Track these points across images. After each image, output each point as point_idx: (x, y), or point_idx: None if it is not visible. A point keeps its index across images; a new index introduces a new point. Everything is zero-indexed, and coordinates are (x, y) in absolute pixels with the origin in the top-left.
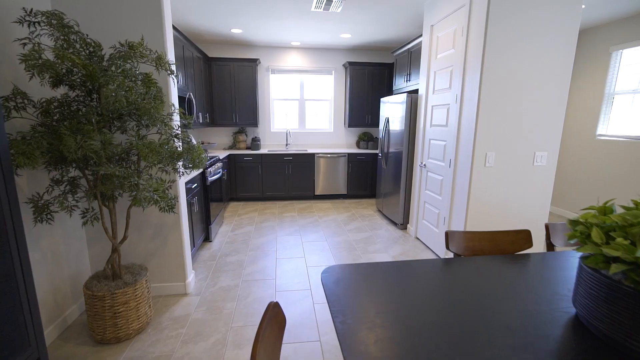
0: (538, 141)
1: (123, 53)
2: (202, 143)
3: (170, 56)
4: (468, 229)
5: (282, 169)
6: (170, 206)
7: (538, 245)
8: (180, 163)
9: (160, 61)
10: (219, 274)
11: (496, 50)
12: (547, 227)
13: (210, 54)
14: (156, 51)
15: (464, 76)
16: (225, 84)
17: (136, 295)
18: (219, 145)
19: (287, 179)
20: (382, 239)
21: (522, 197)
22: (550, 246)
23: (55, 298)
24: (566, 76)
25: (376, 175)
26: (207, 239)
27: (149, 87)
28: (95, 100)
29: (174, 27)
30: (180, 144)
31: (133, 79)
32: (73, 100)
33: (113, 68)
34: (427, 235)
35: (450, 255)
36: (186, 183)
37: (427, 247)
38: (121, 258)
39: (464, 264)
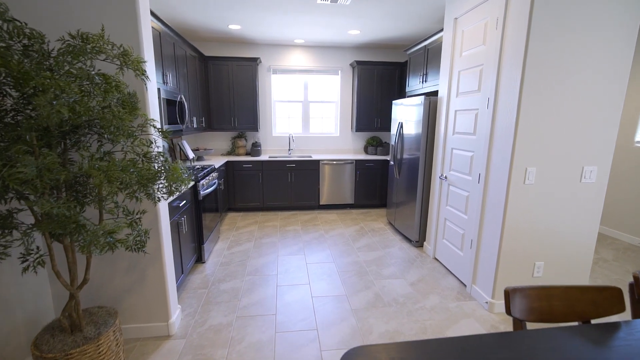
0: (587, 154)
1: (73, 48)
2: (197, 149)
3: (147, 53)
4: (503, 257)
5: (284, 176)
6: (139, 245)
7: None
8: (157, 187)
9: (126, 58)
10: (210, 306)
11: (542, 45)
12: (637, 279)
13: (207, 53)
14: (121, 46)
15: (498, 77)
16: (223, 85)
17: (100, 352)
18: (216, 151)
19: (289, 188)
20: (397, 259)
21: (567, 219)
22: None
23: (3, 354)
24: (623, 77)
25: (386, 183)
26: (199, 259)
27: (106, 93)
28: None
29: (163, 22)
30: (156, 164)
31: (89, 82)
32: (11, 109)
33: (66, 67)
34: (449, 258)
35: (480, 290)
36: (172, 202)
37: (449, 271)
38: (90, 295)
39: (535, 341)
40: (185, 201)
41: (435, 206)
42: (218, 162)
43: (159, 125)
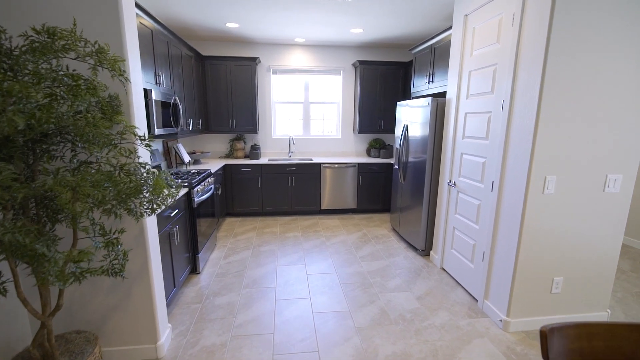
0: (612, 161)
1: (40, 44)
2: (194, 152)
3: (132, 51)
4: (519, 272)
5: (284, 180)
6: (115, 270)
7: (618, 307)
8: (140, 201)
9: (101, 57)
10: (203, 324)
11: (565, 42)
12: None
13: (204, 52)
14: (96, 42)
15: (514, 77)
16: (221, 86)
17: None
18: (214, 154)
19: (289, 192)
20: (402, 269)
21: (588, 232)
22: None
23: None
24: None
25: (390, 187)
26: (194, 270)
27: (76, 96)
28: None
29: (155, 20)
30: (138, 176)
31: (54, 83)
32: None
33: (30, 67)
34: (458, 269)
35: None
36: (162, 212)
37: (458, 283)
38: (68, 317)
39: None
40: (177, 210)
41: (443, 214)
42: (215, 165)
43: (142, 132)
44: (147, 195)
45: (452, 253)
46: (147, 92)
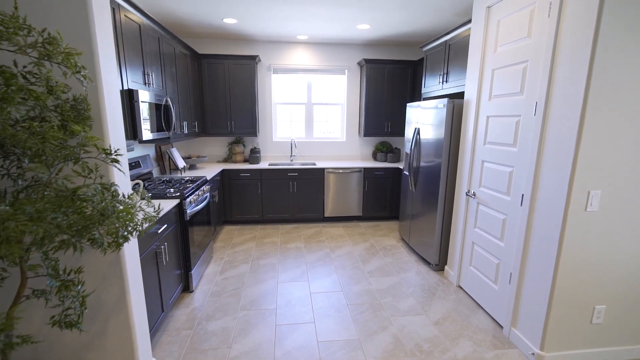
0: None
1: None
2: (189, 157)
3: (103, 44)
4: (556, 298)
5: (285, 186)
6: (70, 323)
7: None
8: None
9: (50, 49)
10: (194, 355)
11: (616, 34)
12: None
13: (201, 50)
14: (44, 30)
15: (551, 76)
16: (219, 86)
17: None
18: (211, 158)
19: (291, 199)
20: (415, 287)
21: (637, 254)
22: None
23: None
24: None
25: (397, 193)
26: (186, 288)
27: (6, 99)
28: None
29: (144, 13)
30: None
31: None
32: None
33: None
34: (478, 289)
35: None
36: (150, 227)
37: (478, 304)
38: (36, 356)
39: None
40: (166, 225)
41: (459, 226)
42: (213, 170)
43: (112, 144)
44: (116, 224)
45: (470, 270)
46: (132, 93)
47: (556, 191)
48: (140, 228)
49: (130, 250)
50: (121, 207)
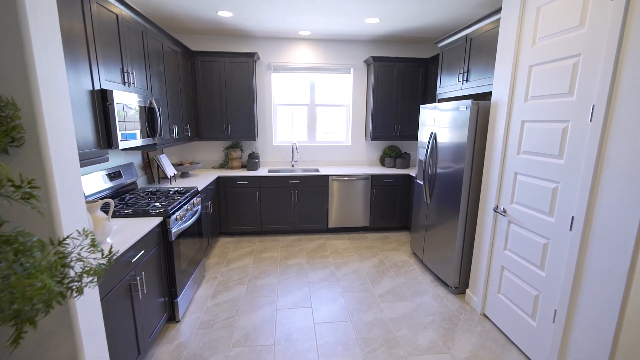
0: None
1: None
2: (181, 164)
3: (36, 28)
4: (622, 348)
5: (286, 194)
6: None
7: None
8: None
9: None
10: None
11: None
12: None
13: (194, 47)
14: None
15: (616, 73)
16: (214, 86)
17: None
18: (206, 164)
19: (292, 208)
20: (433, 315)
21: None
22: None
23: None
24: None
25: (407, 202)
26: (172, 318)
27: None
28: None
29: (123, 3)
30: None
31: None
32: None
33: None
34: (509, 322)
35: None
36: (121, 256)
37: (509, 339)
38: None
39: None
40: (143, 251)
41: (485, 247)
42: (207, 178)
43: (56, 163)
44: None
45: (499, 299)
46: (106, 94)
47: (623, 215)
48: (76, 286)
49: (85, 295)
50: (40, 263)
